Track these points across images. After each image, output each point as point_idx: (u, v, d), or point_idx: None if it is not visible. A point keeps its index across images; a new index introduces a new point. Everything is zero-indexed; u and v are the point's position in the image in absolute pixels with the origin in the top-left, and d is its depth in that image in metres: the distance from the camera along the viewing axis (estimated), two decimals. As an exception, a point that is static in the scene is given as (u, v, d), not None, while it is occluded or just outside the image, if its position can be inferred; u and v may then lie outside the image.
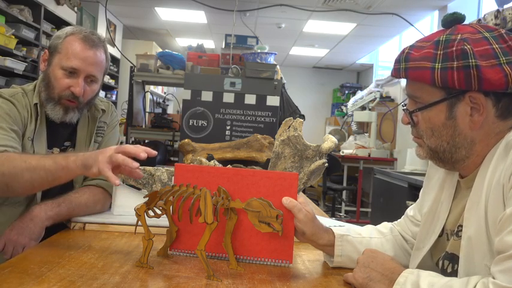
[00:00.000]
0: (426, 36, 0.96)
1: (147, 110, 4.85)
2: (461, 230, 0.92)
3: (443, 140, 0.93)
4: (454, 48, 0.88)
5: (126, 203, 1.46)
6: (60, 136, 1.57)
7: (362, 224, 1.61)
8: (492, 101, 0.89)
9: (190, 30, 7.71)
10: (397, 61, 0.96)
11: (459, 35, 0.90)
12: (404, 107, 0.99)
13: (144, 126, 4.21)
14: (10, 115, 1.43)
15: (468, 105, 0.90)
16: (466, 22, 0.98)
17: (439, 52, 0.90)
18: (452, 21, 0.95)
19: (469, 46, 0.87)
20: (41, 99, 1.51)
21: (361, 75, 10.67)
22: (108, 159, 1.12)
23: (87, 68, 1.48)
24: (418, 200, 1.18)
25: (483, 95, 0.88)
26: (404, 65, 0.94)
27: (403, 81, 1.02)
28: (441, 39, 0.91)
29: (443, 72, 0.88)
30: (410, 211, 1.21)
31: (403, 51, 0.96)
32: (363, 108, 6.73)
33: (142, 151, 1.13)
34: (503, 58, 0.87)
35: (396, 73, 0.96)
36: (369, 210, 6.29)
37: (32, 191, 1.37)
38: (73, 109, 1.51)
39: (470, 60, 0.86)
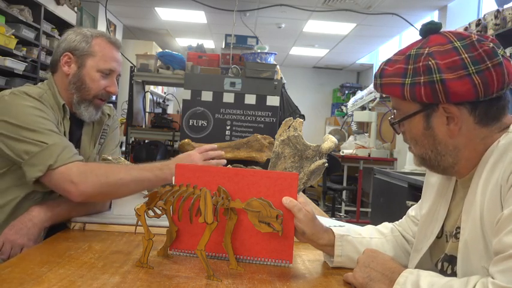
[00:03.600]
0: (404, 48, 0.97)
1: (147, 110, 4.85)
2: (459, 232, 0.92)
3: (426, 148, 0.95)
4: (421, 64, 0.89)
5: (126, 203, 1.46)
6: (76, 137, 1.59)
7: (362, 224, 1.61)
8: (467, 110, 0.89)
9: (190, 30, 7.71)
10: (375, 76, 0.99)
11: (427, 49, 0.90)
12: (390, 118, 1.02)
13: (144, 126, 4.21)
14: (49, 118, 1.43)
15: (443, 115, 0.91)
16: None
17: (409, 67, 0.91)
18: (427, 31, 0.95)
19: (433, 61, 0.88)
20: (69, 100, 1.53)
21: (361, 75, 10.67)
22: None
23: (119, 69, 1.58)
24: (420, 200, 1.18)
25: (455, 105, 0.89)
26: (380, 81, 0.96)
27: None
28: (412, 53, 0.92)
29: (412, 88, 0.90)
30: (412, 211, 1.21)
31: (379, 67, 0.98)
32: (362, 108, 6.73)
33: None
34: (472, 68, 0.86)
35: (375, 88, 1.00)
36: (369, 210, 6.28)
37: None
38: (101, 107, 1.59)
39: (435, 76, 0.87)
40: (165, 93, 7.33)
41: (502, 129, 0.91)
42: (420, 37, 0.97)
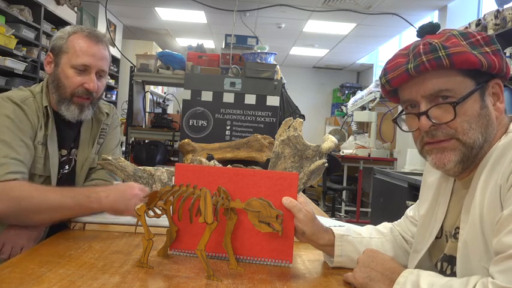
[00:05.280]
0: (428, 36, 0.94)
1: (147, 110, 4.85)
2: (458, 232, 0.92)
3: (479, 132, 0.89)
4: (479, 37, 0.89)
5: (126, 203, 1.46)
6: (69, 137, 1.58)
7: (362, 224, 1.61)
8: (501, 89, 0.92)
9: (190, 30, 7.71)
10: (430, 51, 0.89)
11: (467, 28, 0.92)
12: (424, 109, 0.91)
13: (144, 126, 4.21)
14: (20, 127, 1.41)
15: (490, 93, 0.91)
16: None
17: (462, 42, 0.89)
18: (436, 26, 0.96)
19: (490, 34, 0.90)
20: (53, 101, 1.52)
21: (361, 75, 10.67)
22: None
23: (98, 63, 1.50)
24: (418, 200, 1.18)
25: (501, 81, 0.91)
26: (445, 52, 0.87)
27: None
28: (454, 33, 0.91)
29: (484, 57, 0.88)
30: (410, 211, 1.21)
31: (427, 44, 0.90)
32: (362, 108, 6.73)
33: None
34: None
35: (433, 63, 0.88)
36: (369, 210, 6.29)
37: (48, 223, 1.39)
38: (87, 106, 1.52)
39: (499, 45, 0.89)
40: (165, 93, 7.33)
41: (505, 130, 0.92)
42: (418, 37, 0.97)
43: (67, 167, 1.58)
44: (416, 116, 0.92)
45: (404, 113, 0.98)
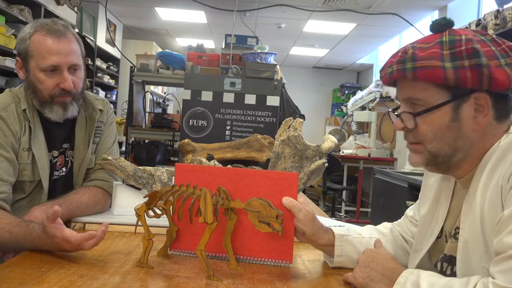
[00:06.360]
0: (422, 39, 0.94)
1: (147, 110, 4.86)
2: (458, 232, 0.92)
3: (445, 143, 0.91)
4: (464, 48, 0.87)
5: (126, 203, 1.46)
6: (58, 138, 1.54)
7: (362, 224, 1.61)
8: (492, 102, 0.88)
9: (190, 30, 7.71)
10: (401, 62, 0.91)
11: (463, 36, 0.88)
12: (398, 112, 0.96)
13: (144, 126, 4.22)
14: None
15: (472, 106, 0.89)
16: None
17: (445, 52, 0.88)
18: (446, 24, 0.93)
19: (478, 45, 0.86)
20: (34, 104, 1.47)
21: (361, 75, 10.67)
22: (68, 241, 1.06)
23: (66, 60, 1.42)
24: (418, 200, 1.18)
25: (488, 95, 0.88)
26: (412, 65, 0.89)
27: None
28: (444, 39, 0.89)
29: (456, 71, 0.86)
30: (410, 211, 1.21)
31: (404, 52, 0.92)
32: (363, 108, 6.73)
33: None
34: (502, 60, 0.87)
35: (399, 74, 0.91)
36: (369, 210, 6.28)
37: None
38: (70, 103, 1.47)
39: (482, 59, 0.85)
40: (165, 93, 7.34)
41: (505, 130, 0.91)
42: (431, 33, 0.95)
43: (64, 169, 1.56)
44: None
45: (392, 111, 1.02)
